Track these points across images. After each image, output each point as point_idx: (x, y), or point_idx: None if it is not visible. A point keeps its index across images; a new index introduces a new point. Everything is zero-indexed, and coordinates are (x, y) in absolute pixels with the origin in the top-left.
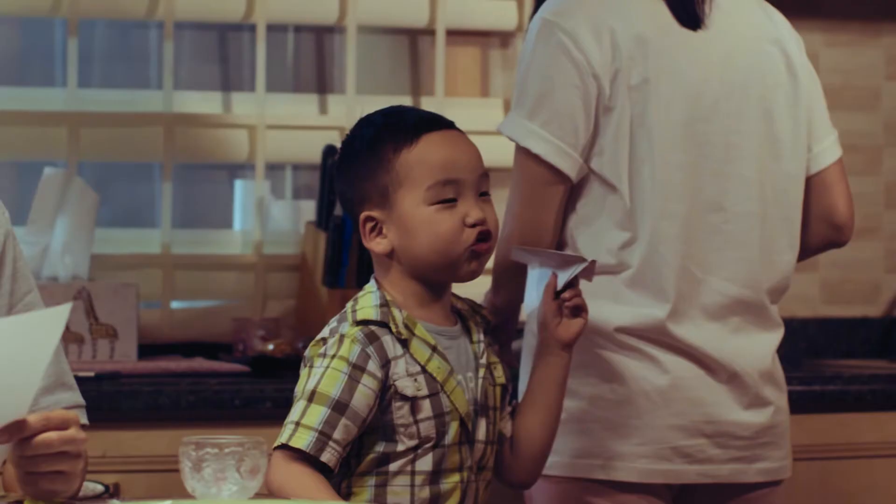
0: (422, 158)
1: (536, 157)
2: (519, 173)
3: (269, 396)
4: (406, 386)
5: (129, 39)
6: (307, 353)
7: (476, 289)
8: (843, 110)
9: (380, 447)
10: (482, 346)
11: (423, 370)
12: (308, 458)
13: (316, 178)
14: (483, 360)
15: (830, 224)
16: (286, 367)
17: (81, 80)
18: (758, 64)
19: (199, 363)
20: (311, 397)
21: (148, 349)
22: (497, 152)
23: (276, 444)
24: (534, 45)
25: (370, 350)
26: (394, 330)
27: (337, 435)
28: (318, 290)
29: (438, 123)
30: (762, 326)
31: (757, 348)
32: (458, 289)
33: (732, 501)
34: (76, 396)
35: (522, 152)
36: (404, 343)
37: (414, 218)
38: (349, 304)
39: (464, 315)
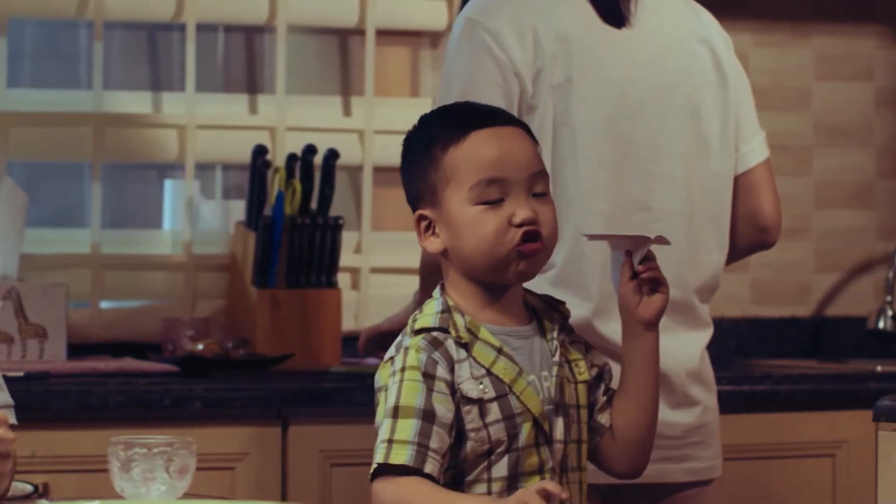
0: (467, 157)
1: None
2: None
3: (199, 396)
4: (471, 389)
5: (59, 39)
6: (377, 377)
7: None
8: (773, 111)
9: (454, 456)
10: (555, 343)
11: (489, 373)
12: (411, 473)
13: (246, 178)
14: (556, 358)
15: (756, 225)
16: (215, 367)
17: (10, 79)
18: (685, 63)
19: (129, 363)
20: (396, 413)
21: (77, 349)
22: None
23: (372, 469)
24: (457, 44)
25: (436, 355)
26: (454, 335)
27: (433, 444)
28: (248, 289)
29: (491, 120)
30: (690, 326)
31: (685, 348)
32: None
33: (663, 501)
34: (5, 396)
35: None
36: (466, 347)
37: (460, 218)
38: (413, 315)
39: (539, 312)
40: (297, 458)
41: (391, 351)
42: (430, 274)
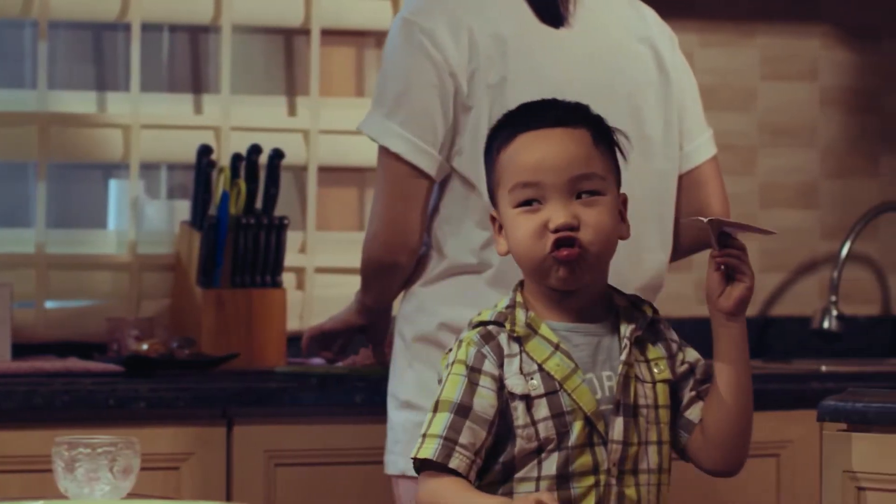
0: (511, 160)
1: (396, 156)
2: (381, 172)
3: (143, 396)
4: (516, 384)
5: (3, 38)
6: (439, 369)
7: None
8: (718, 110)
9: (503, 453)
10: (625, 342)
11: (541, 369)
12: (444, 469)
13: (190, 178)
14: (623, 357)
15: (702, 225)
16: (160, 367)
17: None
18: (626, 62)
19: (74, 363)
20: (435, 407)
21: (22, 349)
22: (371, 152)
23: (413, 464)
24: (393, 45)
25: (486, 350)
26: (508, 328)
27: (463, 439)
28: (193, 289)
29: (541, 122)
30: None
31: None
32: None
33: None
34: None
35: (383, 151)
36: (520, 342)
37: (506, 220)
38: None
39: (620, 311)
40: (242, 458)
41: (454, 343)
42: (371, 274)
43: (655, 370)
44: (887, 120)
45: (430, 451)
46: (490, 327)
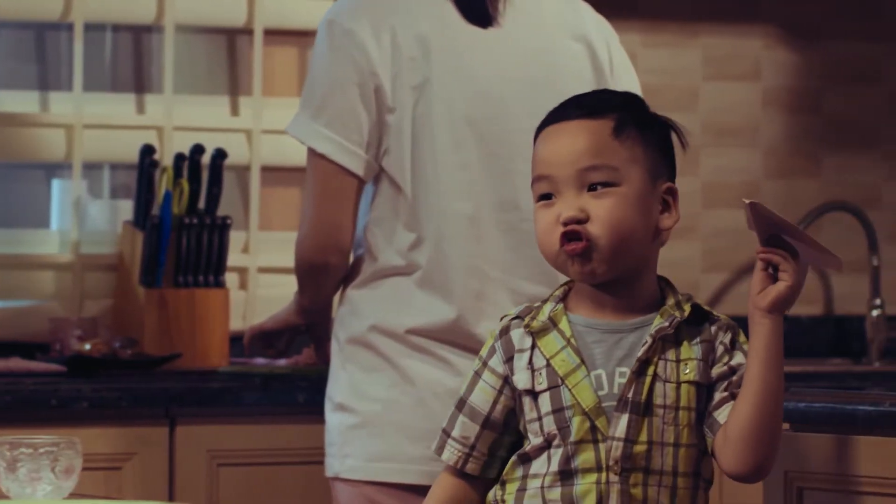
0: (534, 153)
1: (323, 157)
2: (310, 174)
3: (86, 396)
4: (520, 379)
5: None
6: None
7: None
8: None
9: (517, 449)
10: (648, 339)
11: (548, 364)
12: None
13: (133, 178)
14: (639, 354)
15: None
16: (103, 367)
17: None
18: (559, 60)
19: (16, 363)
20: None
21: None
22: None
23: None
24: (318, 46)
25: (498, 344)
26: (525, 322)
27: (455, 433)
28: (135, 289)
29: (561, 114)
30: None
31: None
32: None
33: None
34: None
35: (311, 153)
36: (533, 336)
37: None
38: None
39: (664, 308)
40: (185, 457)
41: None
42: (304, 275)
43: (682, 370)
44: (829, 120)
45: (435, 443)
46: (513, 321)
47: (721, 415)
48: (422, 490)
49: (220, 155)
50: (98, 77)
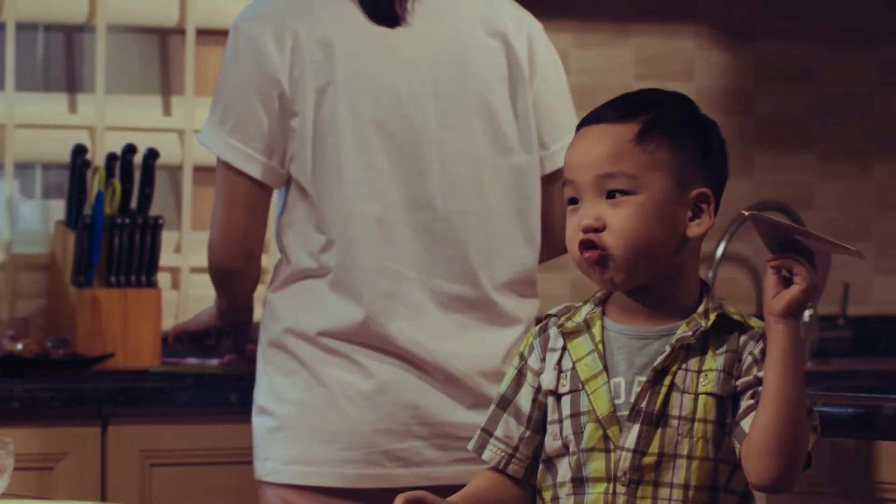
0: (566, 153)
1: (227, 164)
2: (218, 181)
3: (18, 396)
4: (546, 379)
5: None
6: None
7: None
8: None
9: (544, 451)
10: (668, 348)
11: (574, 367)
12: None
13: (65, 178)
14: (656, 364)
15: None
16: (35, 367)
17: None
18: (474, 58)
19: None
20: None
21: None
22: None
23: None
24: (226, 52)
25: (536, 342)
26: (560, 321)
27: (498, 432)
28: (68, 289)
29: (592, 117)
30: (493, 323)
31: (481, 348)
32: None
33: None
34: None
35: (218, 159)
36: (565, 337)
37: None
38: None
39: (694, 317)
40: (117, 457)
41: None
42: (216, 280)
43: (701, 381)
44: (761, 120)
45: (472, 443)
46: (551, 319)
47: (747, 423)
48: (337, 493)
49: (152, 155)
50: (30, 77)
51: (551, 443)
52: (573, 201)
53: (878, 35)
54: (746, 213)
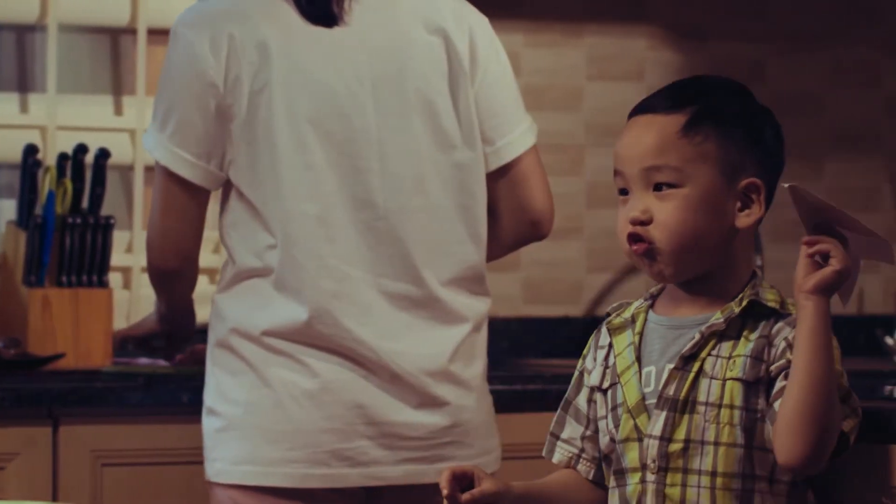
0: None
1: (165, 169)
2: (155, 183)
3: None
4: (594, 376)
5: None
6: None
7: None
8: (546, 111)
9: (602, 451)
10: (696, 335)
11: (615, 362)
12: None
13: (17, 178)
14: (684, 351)
15: (526, 219)
16: None
17: None
18: (410, 55)
19: None
20: None
21: None
22: None
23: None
24: (166, 56)
25: (592, 342)
26: (610, 318)
27: (564, 434)
28: (19, 289)
29: (641, 107)
30: (440, 321)
31: (427, 347)
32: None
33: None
34: None
35: (157, 163)
36: (611, 333)
37: None
38: None
39: (728, 305)
40: (68, 458)
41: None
42: (154, 282)
43: (729, 367)
44: None
45: (545, 448)
46: (607, 317)
47: (778, 405)
48: (284, 493)
49: (103, 154)
50: None
51: (603, 439)
52: (623, 192)
53: (829, 36)
54: (786, 185)
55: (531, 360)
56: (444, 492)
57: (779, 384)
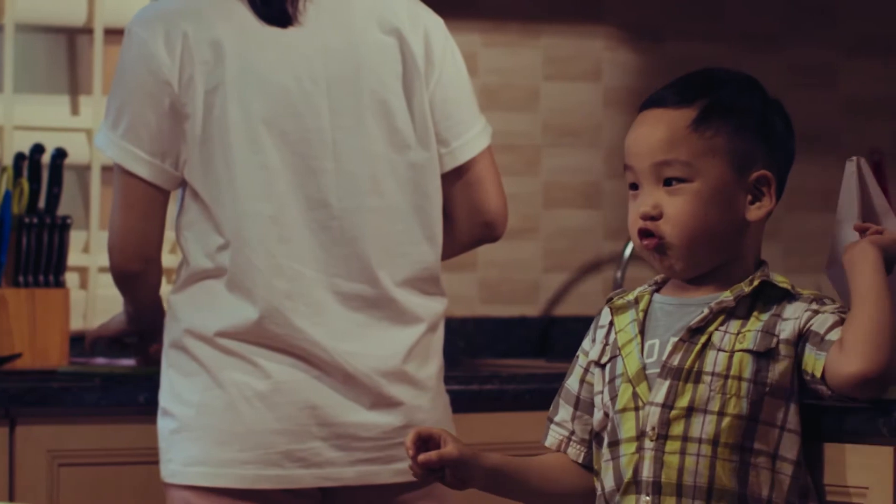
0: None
1: (122, 168)
2: (114, 184)
3: None
4: (593, 352)
5: None
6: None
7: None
8: (503, 110)
9: (593, 429)
10: (705, 310)
11: (616, 337)
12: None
13: None
14: (692, 323)
15: (480, 221)
16: None
17: None
18: (364, 56)
19: None
20: None
21: None
22: None
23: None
24: (120, 55)
25: (592, 326)
26: (611, 300)
27: (557, 417)
28: None
29: (650, 101)
30: (394, 322)
31: (381, 347)
32: None
33: (395, 502)
34: None
35: (114, 163)
36: (612, 312)
37: None
38: None
39: (737, 286)
40: (25, 457)
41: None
42: (118, 283)
43: (739, 341)
44: None
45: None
46: (607, 302)
47: (833, 334)
48: (237, 494)
49: (60, 154)
50: None
51: (596, 415)
52: (633, 187)
53: (786, 37)
54: (853, 159)
55: (487, 360)
56: (409, 452)
57: (829, 321)
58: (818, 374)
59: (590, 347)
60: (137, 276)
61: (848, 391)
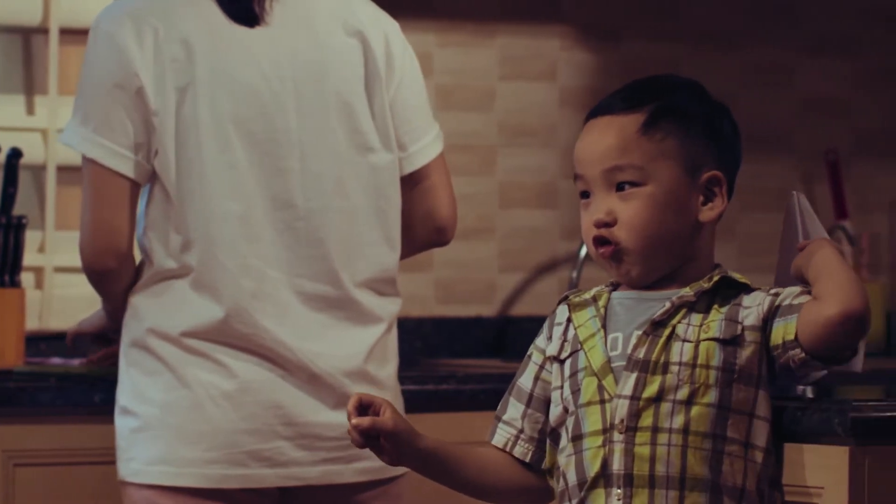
0: (575, 147)
1: (93, 162)
2: (84, 179)
3: None
4: (550, 348)
5: None
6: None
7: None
8: (458, 111)
9: (549, 426)
10: (667, 304)
11: (575, 332)
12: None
13: None
14: (655, 317)
15: (432, 226)
16: None
17: None
18: (332, 57)
19: None
20: None
21: None
22: None
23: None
24: (86, 51)
25: (546, 324)
26: (568, 297)
27: (505, 415)
28: None
29: (598, 109)
30: (355, 322)
31: (343, 347)
32: None
33: (352, 501)
34: None
35: (84, 158)
36: (569, 309)
37: None
38: None
39: (697, 283)
40: None
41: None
42: (92, 281)
43: (703, 331)
44: None
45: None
46: (561, 301)
47: (802, 298)
48: (201, 493)
49: (15, 154)
50: None
51: (554, 411)
52: (585, 195)
53: (743, 36)
54: (794, 193)
55: (443, 360)
56: (352, 421)
57: (796, 294)
58: (791, 337)
59: (545, 345)
60: (111, 273)
61: (827, 337)
